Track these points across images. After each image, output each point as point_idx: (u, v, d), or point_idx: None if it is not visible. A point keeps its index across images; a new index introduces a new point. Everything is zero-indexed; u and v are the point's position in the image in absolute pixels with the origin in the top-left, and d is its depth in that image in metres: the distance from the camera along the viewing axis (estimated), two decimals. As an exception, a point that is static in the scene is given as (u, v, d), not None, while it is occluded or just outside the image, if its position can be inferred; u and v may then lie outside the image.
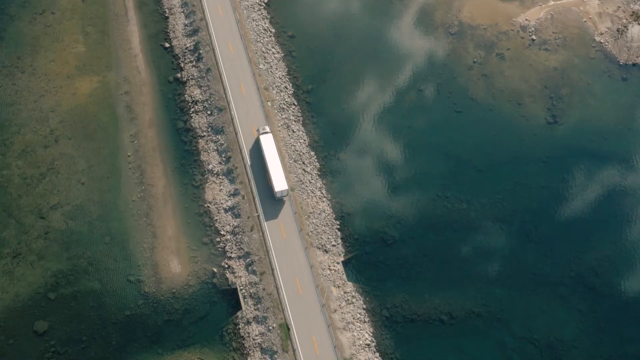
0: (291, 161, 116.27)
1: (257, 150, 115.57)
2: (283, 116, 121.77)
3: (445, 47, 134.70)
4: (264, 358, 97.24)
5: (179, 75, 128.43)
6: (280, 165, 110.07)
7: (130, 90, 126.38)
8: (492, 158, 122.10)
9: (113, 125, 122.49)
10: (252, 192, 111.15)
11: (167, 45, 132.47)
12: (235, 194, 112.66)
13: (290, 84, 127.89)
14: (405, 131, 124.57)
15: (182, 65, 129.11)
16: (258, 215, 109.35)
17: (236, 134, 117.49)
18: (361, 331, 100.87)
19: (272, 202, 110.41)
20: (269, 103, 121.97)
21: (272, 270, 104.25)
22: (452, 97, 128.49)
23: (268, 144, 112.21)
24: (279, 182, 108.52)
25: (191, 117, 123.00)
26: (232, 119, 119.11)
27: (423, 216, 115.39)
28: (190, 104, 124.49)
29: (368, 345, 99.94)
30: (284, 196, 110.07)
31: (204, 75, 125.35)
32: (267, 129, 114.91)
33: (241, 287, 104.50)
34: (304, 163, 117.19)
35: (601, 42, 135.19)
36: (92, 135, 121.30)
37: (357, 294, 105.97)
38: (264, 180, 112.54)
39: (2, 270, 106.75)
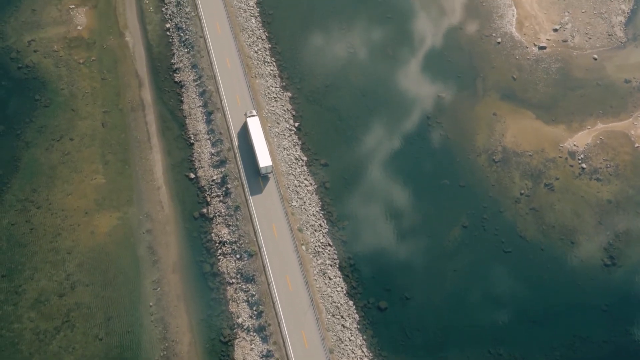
0: (329, 316, 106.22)
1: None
2: (319, 261, 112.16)
3: (489, 177, 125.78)
4: None
5: (205, 210, 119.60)
6: (265, 145, 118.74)
7: (153, 228, 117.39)
8: (547, 306, 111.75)
9: (134, 270, 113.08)
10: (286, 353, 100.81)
11: (192, 175, 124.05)
12: (268, 355, 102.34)
13: (325, 221, 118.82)
14: (450, 275, 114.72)
15: (209, 199, 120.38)
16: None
17: (268, 284, 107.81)
18: None
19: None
20: (304, 247, 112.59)
21: None
22: (500, 234, 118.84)
23: (254, 125, 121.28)
24: (264, 159, 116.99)
25: (218, 259, 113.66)
26: (263, 267, 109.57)
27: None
28: (217, 244, 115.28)
29: None
30: (269, 173, 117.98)
31: (232, 213, 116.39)
32: (254, 112, 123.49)
33: None
34: (342, 317, 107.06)
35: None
36: (112, 281, 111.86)
37: None
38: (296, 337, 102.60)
39: None
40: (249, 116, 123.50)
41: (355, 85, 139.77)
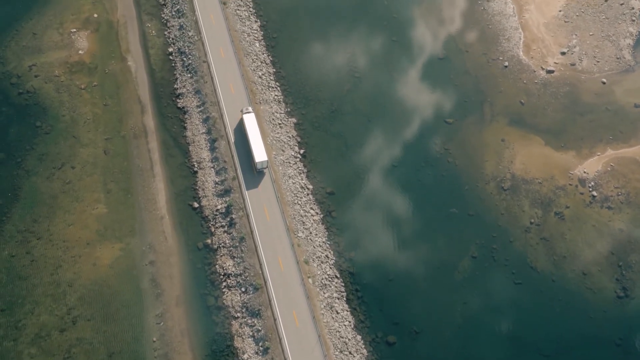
0: (337, 352, 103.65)
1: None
2: (326, 295, 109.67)
3: (498, 205, 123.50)
4: None
5: (209, 240, 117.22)
6: (261, 140, 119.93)
7: (156, 259, 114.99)
8: (559, 340, 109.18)
9: (137, 303, 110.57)
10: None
11: (195, 205, 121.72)
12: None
13: (332, 252, 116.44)
14: (460, 308, 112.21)
15: (213, 229, 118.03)
16: None
17: (275, 319, 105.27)
18: None
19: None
20: (310, 280, 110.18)
21: None
22: (510, 265, 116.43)
23: (250, 121, 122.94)
24: (259, 154, 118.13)
25: (223, 292, 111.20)
26: (269, 301, 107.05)
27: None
28: (221, 276, 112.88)
29: None
30: (264, 168, 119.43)
31: (237, 244, 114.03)
32: (250, 109, 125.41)
33: None
34: (350, 353, 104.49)
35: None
36: (114, 315, 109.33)
37: None
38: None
39: None
40: (245, 113, 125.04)
41: (361, 110, 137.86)
